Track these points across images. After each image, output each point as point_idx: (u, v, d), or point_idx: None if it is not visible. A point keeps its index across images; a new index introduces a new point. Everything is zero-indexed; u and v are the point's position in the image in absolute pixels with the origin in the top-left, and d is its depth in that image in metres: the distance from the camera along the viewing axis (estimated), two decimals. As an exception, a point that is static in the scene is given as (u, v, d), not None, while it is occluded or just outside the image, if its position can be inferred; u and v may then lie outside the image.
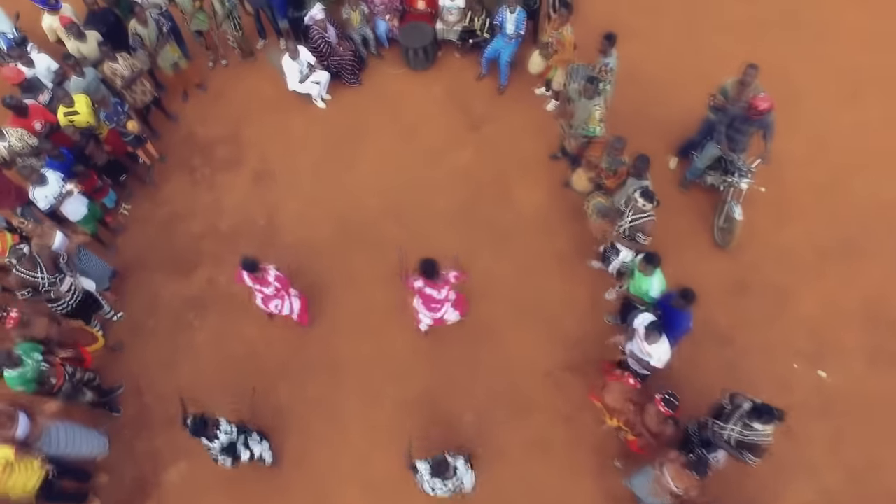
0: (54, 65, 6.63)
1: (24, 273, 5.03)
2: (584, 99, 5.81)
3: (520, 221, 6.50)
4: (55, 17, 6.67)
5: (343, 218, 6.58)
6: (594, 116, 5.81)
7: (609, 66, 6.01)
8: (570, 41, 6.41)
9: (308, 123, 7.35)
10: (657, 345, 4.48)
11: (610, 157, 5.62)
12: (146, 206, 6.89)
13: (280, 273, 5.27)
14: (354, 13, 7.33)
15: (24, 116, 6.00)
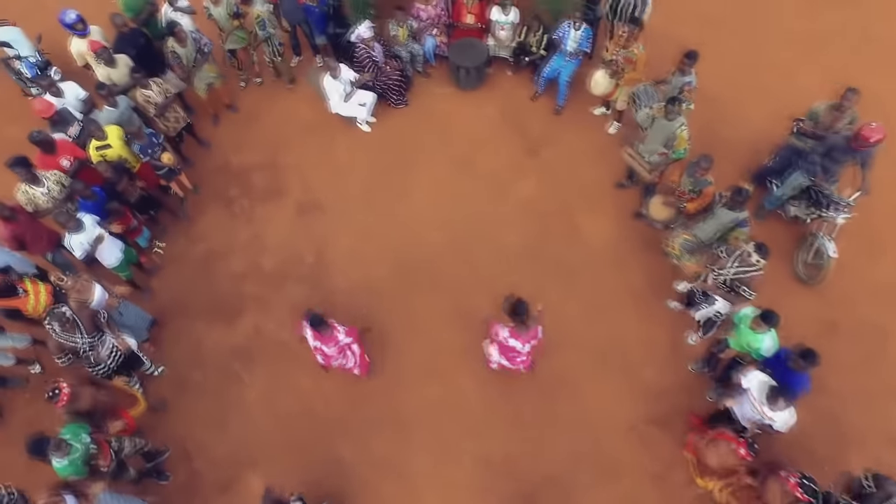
0: (82, 92, 6.05)
1: (64, 338, 4.52)
2: (664, 120, 5.36)
3: (589, 256, 6.04)
4: (84, 41, 6.10)
5: (400, 254, 6.08)
6: (682, 137, 5.36)
7: (692, 84, 5.57)
8: (642, 59, 5.94)
9: (353, 148, 6.83)
10: (782, 411, 4.05)
11: (693, 177, 5.19)
12: (181, 242, 6.34)
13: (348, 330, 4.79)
14: (402, 29, 6.82)
15: (52, 153, 5.45)
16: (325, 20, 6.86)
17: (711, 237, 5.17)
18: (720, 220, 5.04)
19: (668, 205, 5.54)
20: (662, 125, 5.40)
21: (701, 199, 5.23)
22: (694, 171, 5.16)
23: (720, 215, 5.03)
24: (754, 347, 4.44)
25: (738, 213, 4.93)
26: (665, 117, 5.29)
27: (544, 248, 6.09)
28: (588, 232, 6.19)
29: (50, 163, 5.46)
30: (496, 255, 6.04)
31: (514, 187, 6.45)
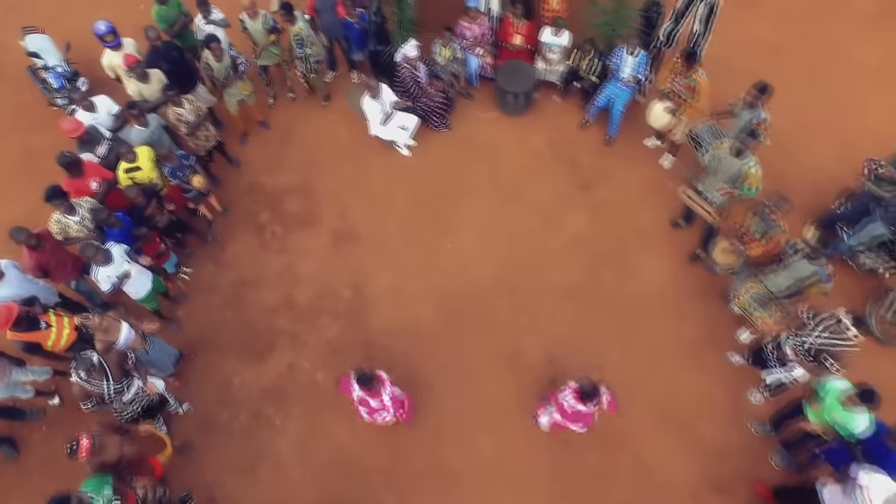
0: (115, 107, 5.69)
1: (90, 384, 4.18)
2: (730, 157, 4.95)
3: (644, 301, 5.68)
4: (118, 54, 5.75)
5: (443, 293, 5.72)
6: (752, 175, 4.95)
7: (763, 118, 5.19)
8: (704, 87, 5.55)
9: (392, 174, 6.46)
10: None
11: (763, 218, 4.79)
12: (209, 269, 5.99)
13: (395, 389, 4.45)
14: (446, 49, 6.45)
15: (79, 176, 5.11)
16: (364, 37, 6.49)
17: (784, 291, 4.81)
18: (797, 273, 4.64)
19: (734, 250, 5.18)
20: (728, 163, 5.00)
21: (768, 244, 4.83)
22: (765, 212, 4.77)
23: (797, 267, 4.63)
24: (843, 426, 4.05)
25: (819, 265, 4.55)
26: (732, 154, 4.91)
27: (596, 289, 5.72)
28: (642, 274, 5.82)
29: (78, 186, 5.11)
30: (545, 295, 5.69)
31: (565, 223, 6.09)
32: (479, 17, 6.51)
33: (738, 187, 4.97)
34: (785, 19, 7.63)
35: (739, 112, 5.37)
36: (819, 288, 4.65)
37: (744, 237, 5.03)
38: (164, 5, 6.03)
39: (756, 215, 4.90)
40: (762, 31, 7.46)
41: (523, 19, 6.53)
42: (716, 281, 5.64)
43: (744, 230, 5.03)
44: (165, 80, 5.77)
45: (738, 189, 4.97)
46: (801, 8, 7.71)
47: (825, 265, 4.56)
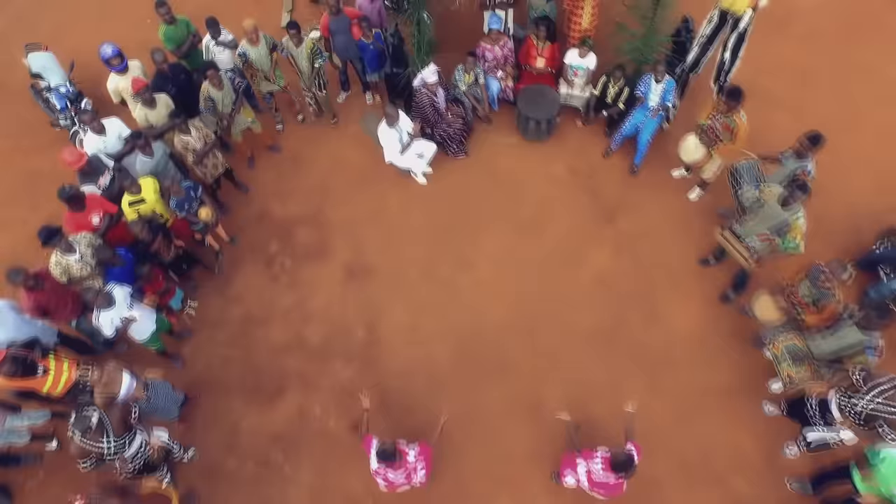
0: (125, 130, 5.41)
1: (88, 443, 3.91)
2: (777, 205, 4.64)
3: (672, 346, 5.39)
4: (124, 78, 5.47)
5: (461, 333, 5.44)
6: (797, 227, 4.66)
7: (810, 171, 4.91)
8: (743, 130, 5.23)
9: (408, 204, 6.18)
10: None
11: (815, 285, 4.49)
12: (216, 303, 5.72)
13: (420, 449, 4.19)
14: (468, 75, 6.15)
15: (81, 210, 4.84)
16: (379, 58, 6.20)
17: (826, 356, 4.48)
18: (843, 340, 4.30)
19: (781, 310, 4.78)
20: (774, 212, 4.69)
21: (823, 314, 4.47)
22: (818, 278, 4.43)
23: (846, 334, 4.28)
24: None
25: (870, 335, 4.22)
26: (779, 202, 4.62)
27: (621, 332, 5.44)
28: (670, 315, 5.53)
29: (79, 220, 4.85)
30: (568, 338, 5.41)
31: (588, 259, 5.80)
32: (501, 38, 6.23)
33: (780, 237, 4.68)
34: (814, 40, 7.32)
35: (787, 161, 5.07)
36: (861, 359, 4.31)
37: (792, 298, 4.67)
38: (172, 25, 5.75)
39: (808, 279, 4.57)
40: (790, 52, 7.15)
41: (546, 41, 6.25)
42: (747, 323, 5.34)
43: (791, 290, 4.71)
44: (172, 105, 5.50)
45: (780, 239, 4.68)
46: (832, 28, 7.41)
47: (876, 337, 4.23)
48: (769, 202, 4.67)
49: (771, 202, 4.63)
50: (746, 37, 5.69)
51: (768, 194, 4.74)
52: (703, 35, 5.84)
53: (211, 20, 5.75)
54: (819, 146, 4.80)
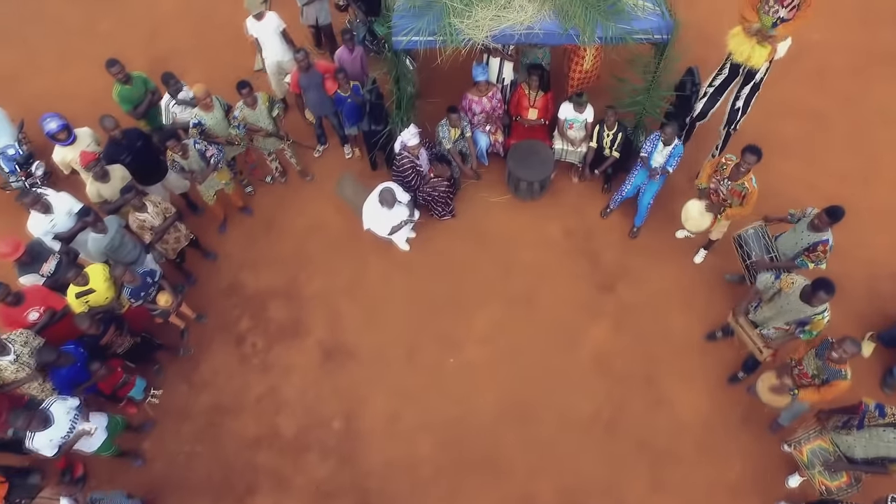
0: (77, 205, 4.95)
1: None
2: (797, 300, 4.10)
3: (677, 435, 4.93)
4: (71, 150, 4.97)
5: (446, 423, 4.98)
6: (820, 323, 4.18)
7: (829, 243, 4.45)
8: (753, 196, 4.76)
9: (389, 274, 5.69)
10: None
11: (824, 362, 4.02)
12: (181, 390, 5.24)
13: None
14: (454, 130, 5.65)
15: (18, 305, 4.36)
16: (357, 111, 5.69)
17: (860, 455, 4.05)
18: (882, 448, 3.83)
19: (782, 390, 4.37)
20: (794, 306, 4.15)
21: (824, 393, 4.04)
22: (826, 354, 3.99)
23: (884, 442, 3.82)
24: None
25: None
26: (802, 298, 4.12)
27: (621, 420, 4.99)
28: (674, 400, 5.07)
29: (13, 316, 4.37)
30: (563, 427, 4.96)
31: (585, 335, 5.33)
32: (490, 89, 5.73)
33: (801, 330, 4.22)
34: (826, 79, 6.84)
35: (801, 229, 4.59)
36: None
37: (800, 376, 4.23)
38: (127, 85, 5.23)
39: (816, 356, 4.13)
40: (802, 93, 6.67)
41: (539, 91, 5.76)
42: (760, 408, 4.91)
43: (799, 368, 4.29)
44: (129, 177, 5.00)
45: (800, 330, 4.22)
46: (846, 67, 6.92)
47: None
48: (789, 295, 4.19)
49: (792, 296, 4.15)
50: (760, 87, 5.23)
51: (787, 284, 4.23)
52: (711, 86, 5.37)
53: (167, 76, 5.23)
54: (838, 221, 4.34)
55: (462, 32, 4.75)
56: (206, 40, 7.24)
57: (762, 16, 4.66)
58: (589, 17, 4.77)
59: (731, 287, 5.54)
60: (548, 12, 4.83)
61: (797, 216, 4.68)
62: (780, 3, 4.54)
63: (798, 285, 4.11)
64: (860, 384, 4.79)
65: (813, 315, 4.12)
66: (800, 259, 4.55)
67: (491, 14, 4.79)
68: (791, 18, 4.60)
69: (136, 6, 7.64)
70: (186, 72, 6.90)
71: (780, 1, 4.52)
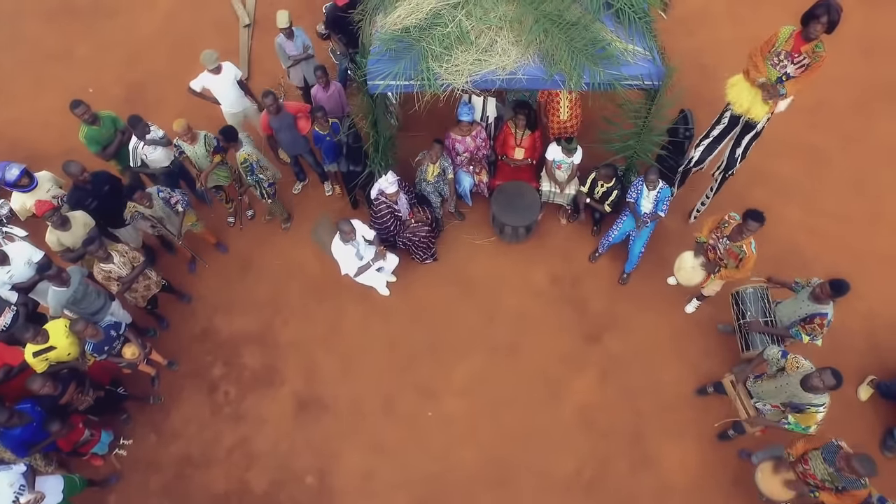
0: (37, 254, 4.77)
1: None
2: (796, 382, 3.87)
3: (665, 498, 4.72)
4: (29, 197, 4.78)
5: (424, 480, 4.80)
6: (815, 417, 3.89)
7: (828, 317, 4.22)
8: (751, 260, 4.49)
9: (368, 321, 5.49)
10: None
11: (837, 470, 3.74)
12: (150, 441, 5.06)
13: None
14: (433, 167, 5.45)
15: None
16: (336, 149, 5.46)
17: None
18: None
19: (792, 488, 4.03)
20: (794, 389, 3.92)
21: (846, 499, 3.78)
22: (836, 460, 3.76)
23: None
24: None
25: None
26: (804, 386, 3.83)
27: (605, 481, 4.78)
28: (662, 459, 4.87)
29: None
30: (546, 487, 4.76)
31: (570, 389, 5.13)
32: (473, 128, 5.49)
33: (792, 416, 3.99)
34: (825, 114, 6.54)
35: (802, 298, 4.37)
36: None
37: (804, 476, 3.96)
38: (95, 126, 5.03)
39: (825, 461, 3.85)
40: (802, 131, 6.37)
41: (526, 130, 5.54)
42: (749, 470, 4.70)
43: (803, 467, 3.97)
44: (92, 223, 4.81)
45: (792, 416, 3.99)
46: (843, 100, 6.64)
47: None
48: (791, 376, 3.96)
49: (794, 378, 3.91)
50: (760, 136, 4.99)
51: (792, 366, 3.98)
52: (710, 136, 5.14)
53: (133, 119, 5.01)
54: (842, 296, 4.11)
55: (441, 77, 4.54)
56: (183, 66, 6.98)
57: (769, 68, 4.41)
58: (576, 63, 4.53)
59: (724, 338, 5.31)
60: (532, 57, 4.60)
61: (801, 285, 4.46)
62: (790, 59, 4.28)
63: (803, 370, 3.88)
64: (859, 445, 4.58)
65: (809, 405, 3.89)
66: (795, 329, 4.33)
67: (472, 58, 4.55)
68: (797, 76, 4.35)
69: (113, 31, 7.43)
70: (164, 97, 6.76)
71: (791, 57, 4.27)
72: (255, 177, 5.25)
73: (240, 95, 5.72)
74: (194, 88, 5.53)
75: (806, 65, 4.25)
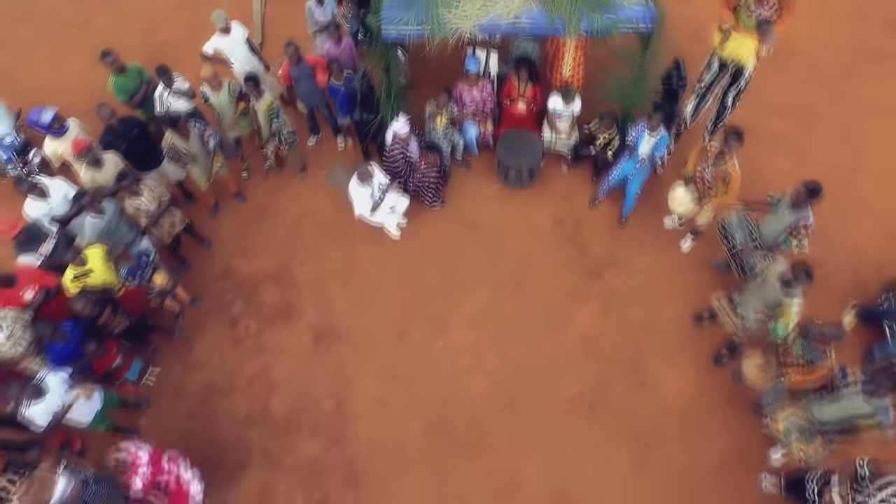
0: (72, 190, 5.06)
1: None
2: (777, 284, 4.27)
3: (662, 415, 5.02)
4: (63, 141, 5.08)
5: (435, 405, 5.08)
6: (790, 313, 4.28)
7: (810, 221, 4.54)
8: (736, 180, 4.86)
9: (379, 260, 5.80)
10: None
11: (810, 344, 4.14)
12: (176, 370, 5.35)
13: None
14: (441, 116, 5.77)
15: (11, 286, 4.48)
16: (350, 101, 5.80)
17: (834, 425, 4.12)
18: (849, 409, 3.95)
19: (768, 371, 4.53)
20: (772, 290, 4.30)
21: (809, 374, 4.18)
22: (812, 337, 4.11)
23: (850, 402, 3.94)
24: None
25: (879, 404, 3.84)
26: (779, 281, 4.24)
27: (608, 403, 5.08)
28: (659, 382, 5.17)
29: (8, 297, 4.47)
30: (551, 410, 5.05)
31: (572, 320, 5.43)
32: (479, 81, 5.83)
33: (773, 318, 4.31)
34: (815, 75, 6.93)
35: (781, 209, 4.70)
36: (880, 431, 3.96)
37: (784, 357, 4.37)
38: (122, 75, 5.36)
39: (803, 337, 4.24)
40: (791, 90, 6.76)
41: (528, 83, 5.86)
42: (745, 391, 4.99)
43: (784, 349, 4.39)
44: (122, 164, 5.13)
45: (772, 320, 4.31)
46: (832, 62, 7.02)
47: (887, 405, 3.86)
48: (769, 278, 4.31)
49: (772, 280, 4.26)
50: (748, 86, 5.31)
51: (770, 271, 4.36)
52: (701, 84, 5.47)
53: (161, 68, 5.35)
54: (818, 198, 4.44)
55: (450, 22, 4.88)
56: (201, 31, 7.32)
57: (744, 19, 4.74)
58: (575, 8, 4.89)
59: (718, 273, 5.64)
60: (534, 2, 4.96)
61: (776, 198, 4.79)
62: (760, 5, 4.62)
63: (780, 271, 4.24)
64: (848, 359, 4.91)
65: (785, 300, 4.21)
66: (783, 237, 4.63)
67: (479, 4, 4.92)
68: (776, 17, 4.67)
69: (131, 2, 7.78)
70: (183, 63, 7.06)
71: (760, 2, 4.61)
72: (279, 122, 5.56)
73: (250, 55, 6.02)
74: (207, 52, 5.81)
75: (779, 6, 4.58)
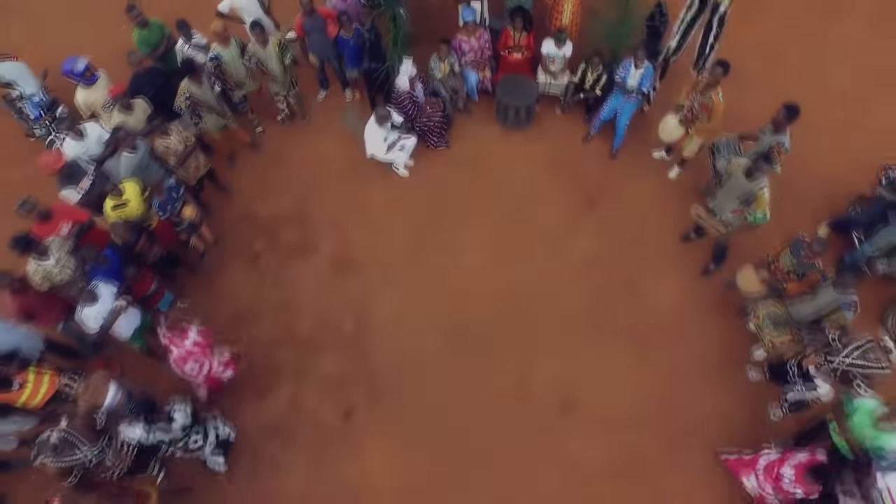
0: (105, 134, 5.42)
1: (64, 461, 3.89)
2: (742, 177, 4.79)
3: (656, 321, 5.48)
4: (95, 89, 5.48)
5: (449, 320, 5.48)
6: (762, 198, 4.80)
7: (785, 145, 5.02)
8: (720, 109, 5.33)
9: (391, 196, 6.23)
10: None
11: (798, 257, 4.62)
12: (203, 302, 5.68)
13: None
14: (443, 64, 6.23)
15: (48, 221, 4.84)
16: (359, 53, 6.26)
17: (806, 317, 4.63)
18: (822, 301, 4.46)
19: (763, 281, 4.93)
20: (740, 183, 4.83)
21: (802, 283, 4.66)
22: (800, 251, 4.59)
23: (822, 295, 4.45)
24: (875, 446, 3.90)
25: (845, 294, 4.37)
26: (745, 175, 4.74)
27: (607, 312, 5.52)
28: (653, 293, 5.62)
29: (47, 231, 4.84)
30: (556, 320, 5.48)
31: (572, 243, 5.88)
32: (477, 30, 6.31)
33: (748, 209, 4.80)
34: (789, 21, 7.45)
35: (761, 135, 5.19)
36: (839, 316, 4.45)
37: (775, 271, 4.84)
38: (145, 29, 5.77)
39: (790, 251, 4.73)
40: (766, 34, 7.28)
41: (523, 31, 6.34)
42: (730, 296, 5.47)
43: (774, 262, 4.86)
44: (150, 109, 5.52)
45: (748, 212, 4.80)
46: (806, 9, 7.56)
47: (849, 295, 4.38)
48: (735, 174, 4.81)
49: (737, 173, 4.76)
50: (725, 20, 5.80)
51: (735, 166, 4.87)
52: (683, 21, 5.96)
53: (181, 23, 5.75)
54: (796, 117, 4.92)
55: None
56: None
57: None
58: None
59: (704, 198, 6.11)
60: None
61: (765, 131, 5.25)
62: None
63: (743, 164, 4.74)
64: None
65: (754, 188, 4.71)
66: None
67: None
68: None
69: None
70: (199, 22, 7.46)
71: None
72: (290, 56, 5.93)
73: (262, 13, 6.35)
74: (222, 11, 6.17)
75: None
